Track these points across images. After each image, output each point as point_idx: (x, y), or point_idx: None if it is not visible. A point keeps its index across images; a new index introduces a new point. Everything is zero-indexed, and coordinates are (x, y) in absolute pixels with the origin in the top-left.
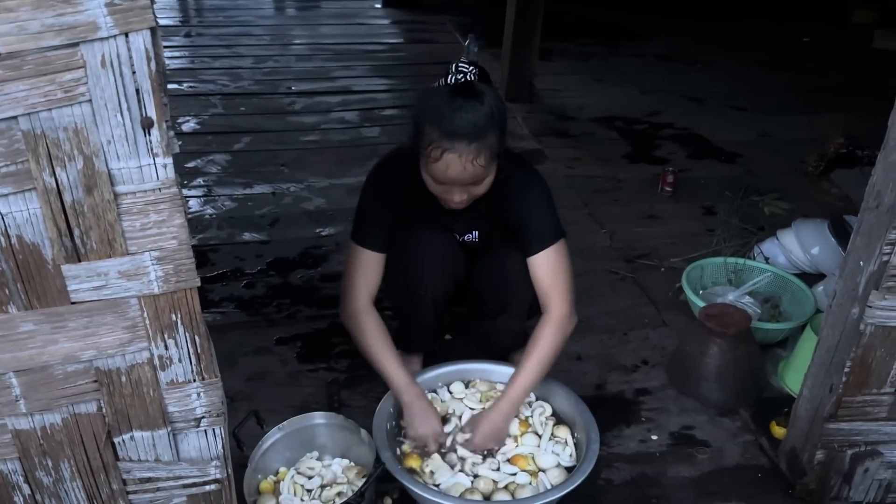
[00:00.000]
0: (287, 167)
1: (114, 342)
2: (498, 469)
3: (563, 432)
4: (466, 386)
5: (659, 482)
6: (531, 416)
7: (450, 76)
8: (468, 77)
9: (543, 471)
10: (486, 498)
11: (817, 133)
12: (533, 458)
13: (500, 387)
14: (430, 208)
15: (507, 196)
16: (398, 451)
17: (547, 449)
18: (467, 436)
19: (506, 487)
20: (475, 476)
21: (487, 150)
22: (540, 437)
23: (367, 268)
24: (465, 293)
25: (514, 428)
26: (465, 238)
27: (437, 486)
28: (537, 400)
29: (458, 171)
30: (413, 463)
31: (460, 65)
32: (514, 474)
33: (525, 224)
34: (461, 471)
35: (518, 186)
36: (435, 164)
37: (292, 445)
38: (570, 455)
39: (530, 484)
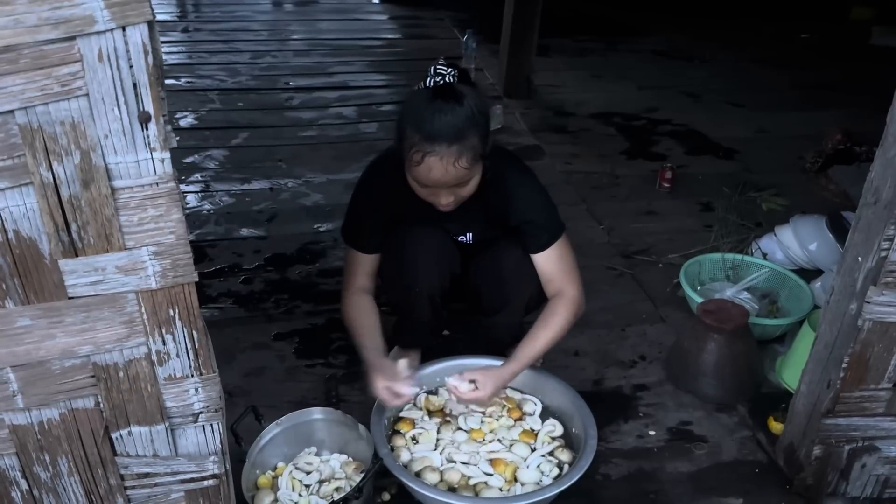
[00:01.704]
0: (285, 163)
1: (111, 337)
2: (477, 465)
3: (566, 456)
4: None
5: (656, 477)
6: (538, 430)
7: (428, 79)
8: (447, 79)
9: (522, 484)
10: (452, 489)
11: (815, 129)
12: (515, 468)
13: (507, 391)
14: (423, 209)
15: (502, 196)
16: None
17: (532, 465)
18: (470, 386)
19: (473, 486)
20: (451, 462)
21: (469, 151)
22: (533, 450)
23: (360, 266)
24: (463, 289)
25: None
26: (459, 239)
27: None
28: (552, 418)
29: (440, 173)
30: (404, 427)
31: (438, 67)
32: (491, 475)
33: (528, 223)
34: (441, 451)
35: (512, 185)
36: (417, 168)
37: (290, 441)
38: (556, 477)
39: (500, 490)
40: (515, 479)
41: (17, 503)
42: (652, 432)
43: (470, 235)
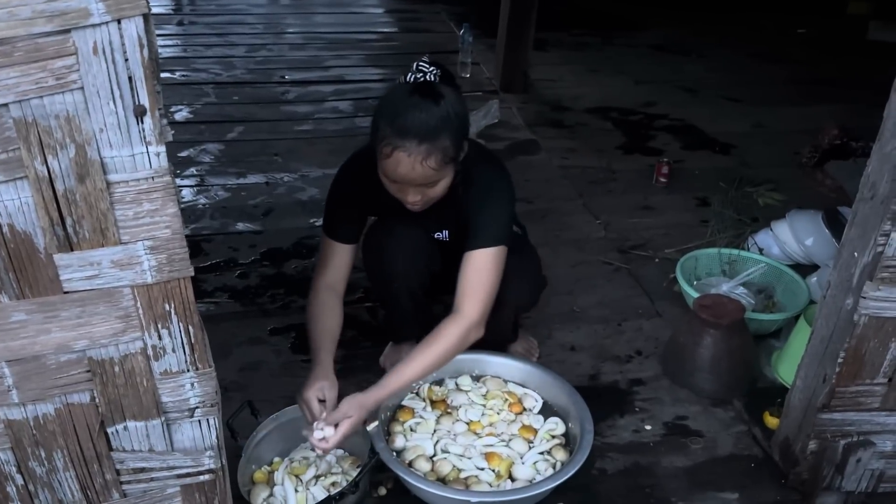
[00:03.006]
0: (280, 157)
1: (107, 332)
2: (471, 458)
3: (562, 455)
4: (476, 381)
5: (652, 472)
6: (539, 428)
7: (410, 74)
8: (428, 77)
9: (514, 480)
10: (442, 479)
11: (811, 124)
12: (510, 464)
13: (510, 386)
14: (399, 204)
15: (469, 194)
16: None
17: (528, 461)
18: (331, 430)
19: (465, 479)
20: (445, 452)
21: (439, 152)
22: (530, 447)
23: (334, 257)
24: (452, 284)
25: (511, 421)
26: (436, 236)
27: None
28: (554, 416)
29: (406, 169)
30: (404, 416)
31: (421, 64)
32: (483, 469)
33: (473, 218)
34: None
35: (479, 184)
36: (386, 161)
37: (286, 436)
38: (550, 473)
39: (489, 485)
40: (510, 476)
41: (13, 498)
42: (648, 427)
43: (446, 233)
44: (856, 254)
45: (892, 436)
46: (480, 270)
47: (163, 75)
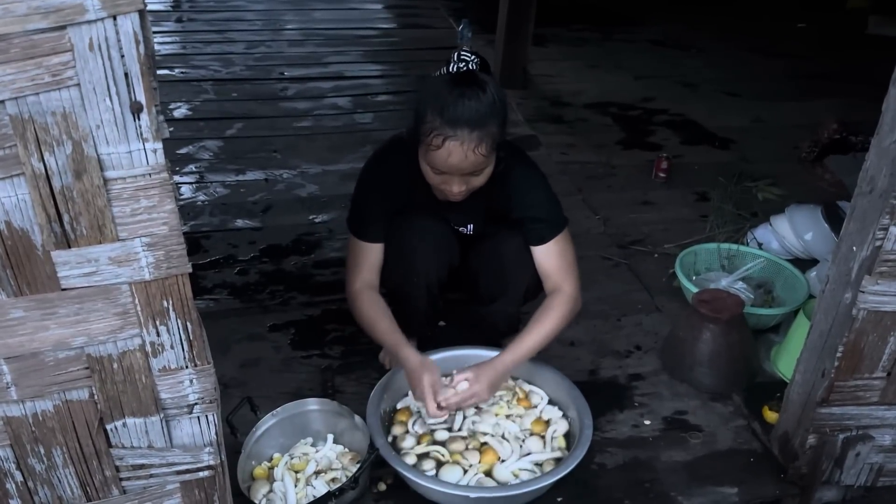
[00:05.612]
0: (280, 153)
1: (105, 329)
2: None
3: (549, 466)
4: None
5: (652, 466)
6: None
7: (451, 65)
8: (470, 66)
9: (487, 474)
10: (426, 454)
11: (811, 119)
12: (493, 463)
13: (519, 382)
14: (426, 199)
15: (507, 190)
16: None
17: (514, 466)
18: (465, 381)
19: (457, 462)
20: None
21: (489, 138)
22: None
23: (367, 257)
24: (460, 279)
25: (527, 423)
26: (461, 230)
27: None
28: (563, 417)
29: (459, 159)
30: (403, 417)
31: (462, 53)
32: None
33: (530, 217)
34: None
35: (518, 180)
36: (436, 152)
37: (286, 432)
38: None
39: (465, 471)
40: (489, 472)
41: (13, 495)
42: (647, 422)
43: (471, 227)
44: (854, 248)
45: (890, 430)
46: (559, 255)
47: (162, 72)
